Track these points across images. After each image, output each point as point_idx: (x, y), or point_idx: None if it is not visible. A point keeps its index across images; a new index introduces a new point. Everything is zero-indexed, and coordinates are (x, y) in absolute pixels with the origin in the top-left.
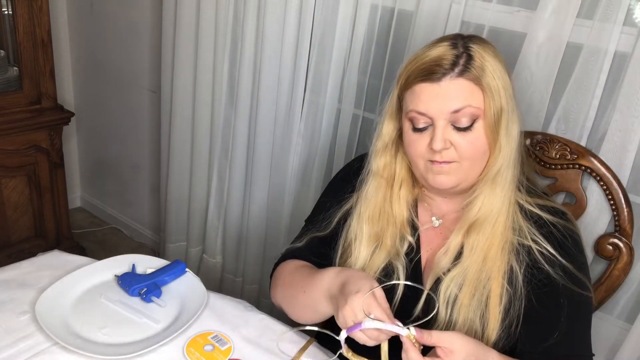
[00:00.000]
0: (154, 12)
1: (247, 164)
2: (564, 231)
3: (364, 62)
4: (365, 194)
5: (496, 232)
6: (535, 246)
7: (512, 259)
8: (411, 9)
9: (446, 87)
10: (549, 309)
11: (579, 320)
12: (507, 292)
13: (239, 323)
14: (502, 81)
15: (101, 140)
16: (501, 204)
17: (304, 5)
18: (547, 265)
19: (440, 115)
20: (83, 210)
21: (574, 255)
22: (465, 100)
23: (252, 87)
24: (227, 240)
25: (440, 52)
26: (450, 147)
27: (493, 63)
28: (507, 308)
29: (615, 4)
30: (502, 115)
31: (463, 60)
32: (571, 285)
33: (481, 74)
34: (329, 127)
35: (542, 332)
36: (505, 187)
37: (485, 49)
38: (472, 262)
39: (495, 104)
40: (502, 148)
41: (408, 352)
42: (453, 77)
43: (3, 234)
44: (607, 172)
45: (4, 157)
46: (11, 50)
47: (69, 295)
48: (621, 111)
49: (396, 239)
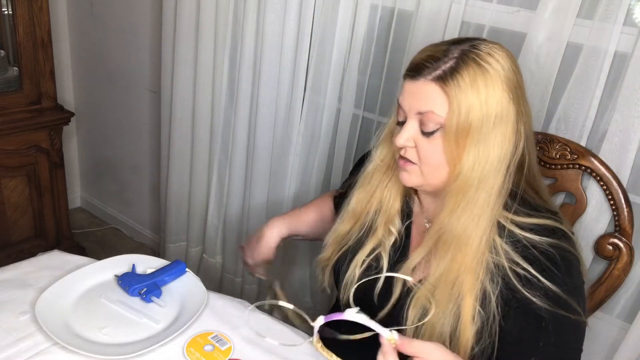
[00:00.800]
0: (154, 12)
1: (247, 164)
2: (554, 252)
3: (364, 62)
4: (363, 176)
5: (466, 257)
6: (517, 270)
7: (486, 282)
8: (411, 9)
9: (420, 87)
10: (530, 335)
11: (566, 346)
12: (480, 314)
13: (239, 323)
14: (482, 98)
15: (101, 140)
16: (472, 229)
17: (304, 5)
18: (528, 289)
19: (410, 113)
20: (83, 210)
21: (561, 278)
22: (430, 106)
23: (252, 87)
24: (227, 240)
25: (435, 52)
26: (413, 147)
27: (480, 77)
28: (479, 330)
29: (615, 4)
30: (470, 132)
31: (446, 66)
32: (558, 311)
33: (455, 87)
34: (329, 127)
35: (521, 356)
36: (476, 212)
37: (484, 61)
38: (439, 282)
39: (460, 118)
40: (463, 165)
41: (386, 355)
42: (428, 79)
43: (3, 234)
44: (607, 172)
45: (4, 157)
46: (11, 50)
47: (69, 295)
48: (621, 111)
49: (385, 229)
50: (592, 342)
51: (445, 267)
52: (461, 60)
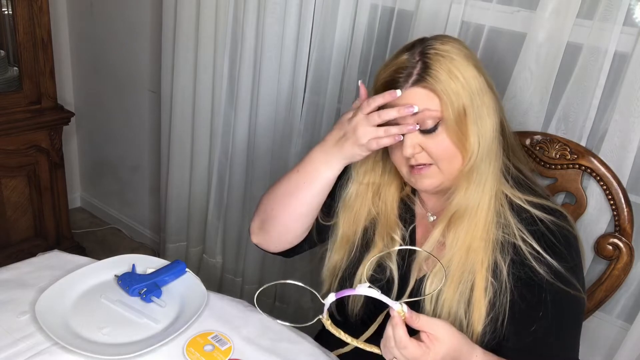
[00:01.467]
0: (154, 12)
1: (247, 164)
2: (555, 230)
3: (364, 62)
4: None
5: (477, 225)
6: (521, 242)
7: (497, 252)
8: (411, 9)
9: (404, 97)
10: (531, 306)
11: (564, 320)
12: (492, 285)
13: (239, 323)
14: (461, 80)
15: (101, 140)
16: (480, 197)
17: (304, 5)
18: (532, 262)
19: (404, 120)
20: (83, 210)
21: (564, 255)
22: (422, 105)
23: (252, 87)
24: (227, 240)
25: (399, 63)
26: (422, 151)
27: (451, 65)
28: (492, 301)
29: (615, 4)
30: (467, 112)
31: (417, 69)
32: (558, 284)
33: (435, 81)
34: (329, 127)
35: (523, 328)
36: (482, 181)
37: (444, 51)
38: (454, 255)
39: (454, 105)
40: (472, 145)
41: (395, 328)
42: (408, 87)
43: (3, 234)
44: (607, 172)
45: (4, 157)
46: (11, 50)
47: (69, 295)
48: (621, 111)
49: (386, 239)
50: (592, 342)
51: (460, 240)
52: (426, 58)
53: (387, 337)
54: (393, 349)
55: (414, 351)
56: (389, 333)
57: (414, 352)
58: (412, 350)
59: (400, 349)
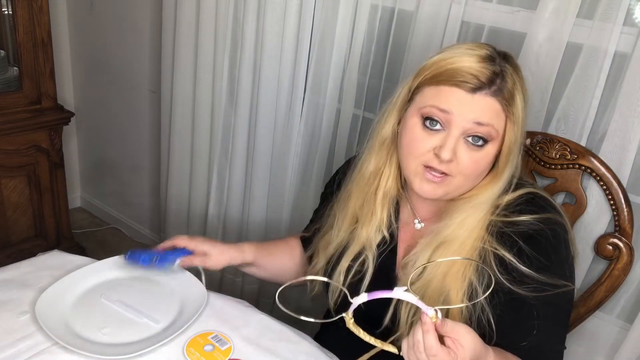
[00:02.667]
0: (154, 12)
1: (247, 164)
2: (541, 227)
3: (363, 62)
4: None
5: (462, 251)
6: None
7: (473, 276)
8: (411, 9)
9: (479, 101)
10: (519, 315)
11: (550, 318)
12: (467, 308)
13: (239, 323)
14: (523, 113)
15: (101, 140)
16: (475, 225)
17: (304, 5)
18: (508, 283)
19: (461, 122)
20: (83, 210)
21: (543, 258)
22: (490, 119)
23: (252, 87)
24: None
25: (478, 64)
26: (454, 160)
27: (521, 92)
28: (467, 323)
29: (615, 4)
30: (515, 146)
31: (499, 80)
32: (542, 294)
33: (511, 102)
34: (329, 127)
35: (516, 339)
36: (485, 211)
37: (517, 73)
38: (434, 277)
39: (514, 133)
40: (503, 178)
41: (427, 334)
42: (488, 94)
43: (3, 234)
44: (607, 172)
45: (4, 157)
46: (11, 50)
47: (69, 295)
48: (621, 111)
49: (371, 231)
50: (592, 342)
51: (443, 265)
52: (506, 72)
53: (416, 342)
54: (421, 354)
55: (444, 358)
56: (418, 337)
57: (443, 359)
58: (442, 358)
59: (429, 356)
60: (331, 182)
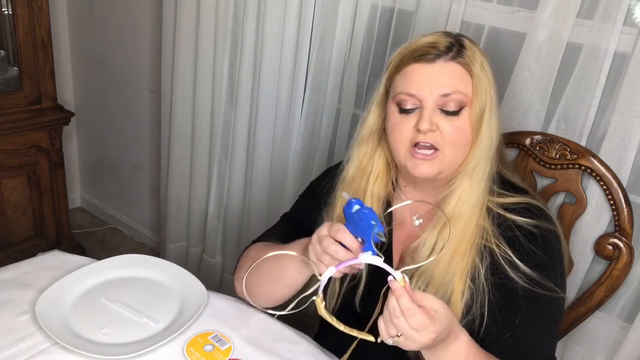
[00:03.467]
0: (154, 12)
1: (247, 164)
2: (535, 232)
3: (363, 62)
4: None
5: (468, 229)
6: (497, 249)
7: (476, 257)
8: (411, 9)
9: (439, 69)
10: (509, 310)
11: (540, 320)
12: (470, 288)
13: (239, 323)
14: (488, 77)
15: (101, 140)
16: (476, 199)
17: (304, 5)
18: (506, 266)
19: (430, 97)
20: (83, 210)
21: (540, 258)
22: (455, 86)
23: (252, 87)
24: (227, 240)
25: (435, 38)
26: (437, 130)
27: (482, 58)
28: (468, 304)
29: (615, 4)
30: (486, 108)
31: (456, 47)
32: (534, 289)
33: (472, 62)
34: (329, 127)
35: (502, 329)
36: (482, 183)
37: (473, 43)
38: (440, 258)
39: (481, 95)
40: (483, 140)
41: (400, 297)
42: (447, 59)
43: (3, 234)
44: (607, 172)
45: (4, 157)
46: (11, 50)
47: (69, 295)
48: (621, 111)
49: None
50: (592, 342)
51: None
52: (462, 42)
53: (392, 309)
54: (399, 319)
55: (422, 319)
56: (393, 304)
57: (422, 320)
58: (420, 318)
59: (407, 317)
60: (320, 181)
